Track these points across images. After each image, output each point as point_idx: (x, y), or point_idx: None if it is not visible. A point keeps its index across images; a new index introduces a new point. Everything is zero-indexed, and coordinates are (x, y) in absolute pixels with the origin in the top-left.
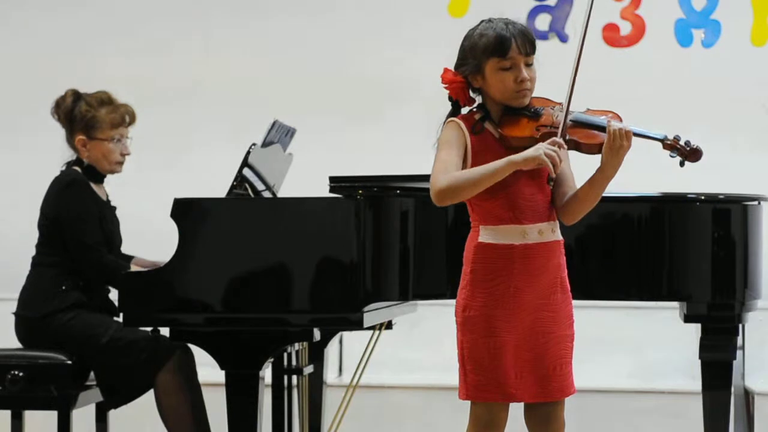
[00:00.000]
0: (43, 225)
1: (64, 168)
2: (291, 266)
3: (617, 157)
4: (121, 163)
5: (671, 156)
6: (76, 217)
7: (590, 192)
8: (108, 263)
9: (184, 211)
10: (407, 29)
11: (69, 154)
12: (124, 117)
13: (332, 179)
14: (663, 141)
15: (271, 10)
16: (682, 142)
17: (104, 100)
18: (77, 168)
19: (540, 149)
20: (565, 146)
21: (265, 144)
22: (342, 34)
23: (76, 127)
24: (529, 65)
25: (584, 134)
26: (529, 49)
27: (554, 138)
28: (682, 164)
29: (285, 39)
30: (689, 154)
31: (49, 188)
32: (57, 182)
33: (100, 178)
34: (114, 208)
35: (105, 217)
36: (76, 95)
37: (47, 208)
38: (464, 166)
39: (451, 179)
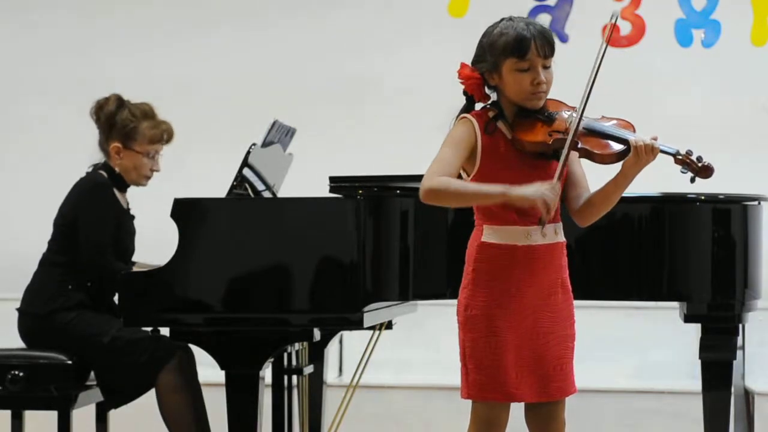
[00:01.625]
0: (60, 224)
1: (90, 170)
2: (291, 266)
3: (640, 168)
4: (148, 178)
5: (682, 171)
6: (93, 219)
7: (608, 197)
8: (112, 268)
9: (184, 211)
10: (407, 29)
11: (98, 157)
12: (163, 134)
13: (332, 179)
14: (675, 156)
15: (272, 10)
16: (693, 158)
17: (147, 113)
18: (103, 172)
19: (538, 193)
20: (560, 191)
21: (265, 144)
22: (342, 34)
23: (115, 133)
24: (546, 67)
25: (597, 143)
26: (548, 51)
27: (555, 184)
28: (692, 180)
29: (285, 39)
30: (700, 170)
31: (73, 188)
32: (81, 183)
33: (124, 187)
34: (132, 217)
35: (122, 225)
36: (120, 101)
37: (67, 207)
38: (473, 165)
39: (441, 183)
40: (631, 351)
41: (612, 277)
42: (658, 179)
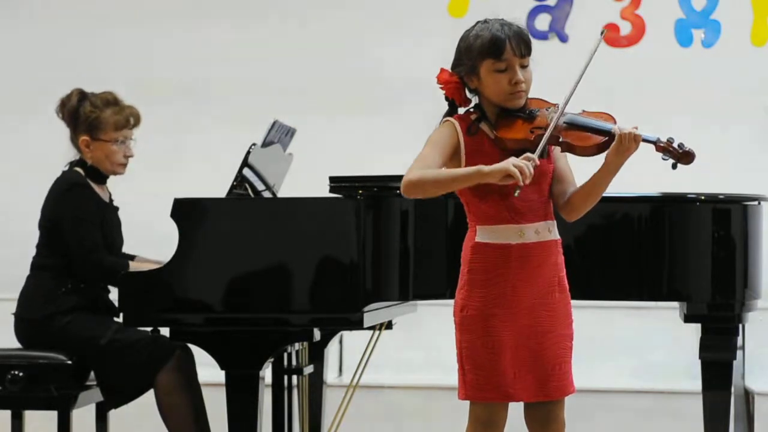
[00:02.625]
0: (43, 226)
1: (66, 168)
2: (291, 266)
3: (623, 159)
4: (124, 165)
5: (663, 158)
6: (75, 220)
7: (593, 190)
8: (107, 265)
9: (184, 211)
10: (407, 29)
11: (72, 154)
12: (129, 119)
13: (332, 179)
14: (656, 143)
15: (272, 10)
16: (675, 145)
17: (109, 100)
18: (79, 169)
19: (509, 162)
20: (537, 162)
21: (265, 144)
22: (342, 34)
23: (80, 127)
24: (524, 67)
25: (578, 136)
26: (524, 50)
27: (528, 153)
28: (674, 167)
29: (285, 38)
30: (681, 156)
31: (51, 190)
32: (58, 185)
33: (102, 179)
34: (116, 209)
35: (105, 218)
36: (82, 95)
37: (48, 209)
38: (458, 167)
39: (419, 174)
40: (631, 351)
41: (612, 277)
42: (657, 179)
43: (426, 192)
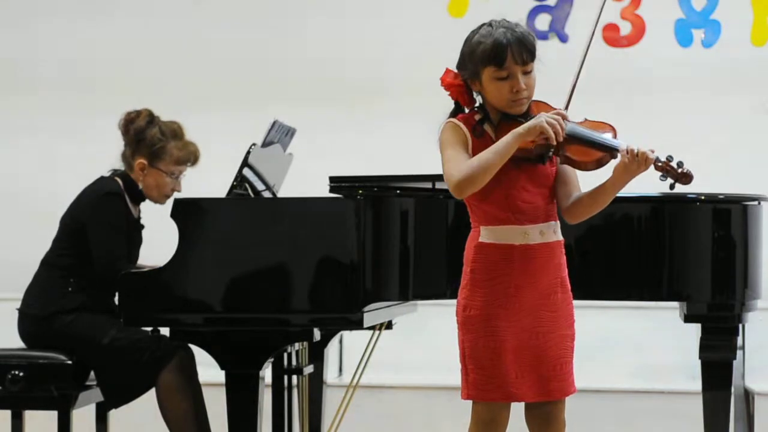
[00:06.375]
0: (68, 225)
1: (108, 174)
2: (291, 266)
3: (631, 176)
4: (167, 197)
5: (662, 178)
6: (107, 227)
7: (599, 199)
8: None
9: (184, 211)
10: (407, 29)
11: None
12: (191, 157)
13: (332, 179)
14: (655, 162)
15: (271, 10)
16: (673, 164)
17: (177, 133)
18: (119, 180)
19: (541, 117)
20: (568, 118)
21: (265, 144)
22: (342, 34)
23: (142, 150)
24: (526, 73)
25: (579, 151)
26: (527, 57)
27: (559, 109)
28: (672, 187)
29: (285, 39)
30: (680, 176)
31: (85, 192)
32: (93, 189)
33: (139, 199)
34: (142, 227)
35: (131, 234)
36: (151, 117)
37: (77, 210)
38: None
39: (465, 169)
40: (631, 351)
41: (612, 277)
42: (657, 179)
43: (479, 183)
